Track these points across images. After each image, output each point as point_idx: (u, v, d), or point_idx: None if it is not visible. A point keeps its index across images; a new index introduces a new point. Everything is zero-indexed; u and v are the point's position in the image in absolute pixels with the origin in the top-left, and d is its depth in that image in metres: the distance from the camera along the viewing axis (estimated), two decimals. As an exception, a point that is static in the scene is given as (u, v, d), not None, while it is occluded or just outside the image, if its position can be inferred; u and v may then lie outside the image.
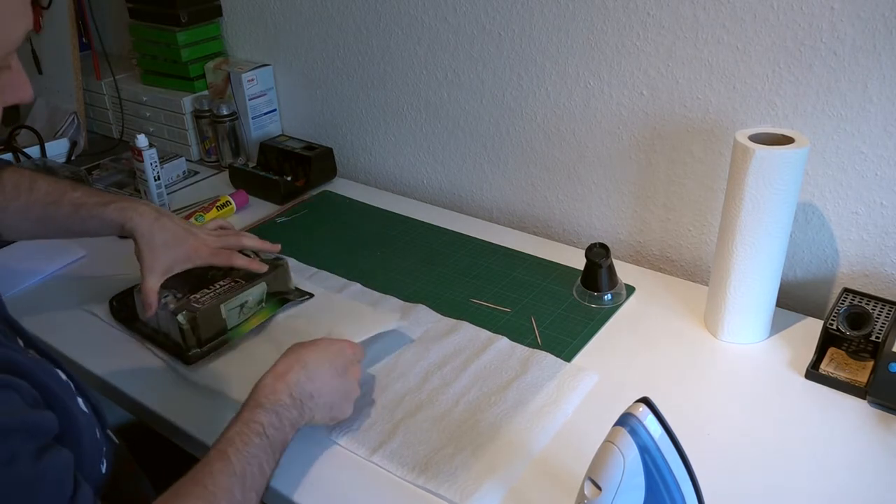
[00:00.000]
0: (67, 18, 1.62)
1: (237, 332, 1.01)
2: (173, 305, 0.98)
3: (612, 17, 1.09)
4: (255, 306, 1.03)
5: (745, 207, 0.90)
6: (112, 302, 1.09)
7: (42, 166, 1.44)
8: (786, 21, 0.95)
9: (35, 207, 0.97)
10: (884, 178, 0.96)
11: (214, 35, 1.62)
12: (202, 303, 0.98)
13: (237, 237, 1.06)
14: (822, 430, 0.84)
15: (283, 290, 1.08)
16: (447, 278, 1.16)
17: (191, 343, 0.97)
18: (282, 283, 1.08)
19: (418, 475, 0.79)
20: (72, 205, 0.97)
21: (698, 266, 1.18)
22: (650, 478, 0.63)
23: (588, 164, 1.22)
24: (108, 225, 0.97)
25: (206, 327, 0.97)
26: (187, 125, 1.61)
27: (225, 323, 1.00)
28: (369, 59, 1.41)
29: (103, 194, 1.00)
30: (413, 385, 0.92)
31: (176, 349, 0.98)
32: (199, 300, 0.98)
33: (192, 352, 0.97)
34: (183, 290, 1.01)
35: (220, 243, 1.02)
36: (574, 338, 1.01)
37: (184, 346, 0.97)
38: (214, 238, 1.03)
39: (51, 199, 0.98)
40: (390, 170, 1.51)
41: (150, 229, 0.96)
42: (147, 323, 1.02)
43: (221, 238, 1.04)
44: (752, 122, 1.03)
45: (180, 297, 1.00)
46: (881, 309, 0.94)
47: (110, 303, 1.09)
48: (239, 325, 1.02)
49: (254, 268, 1.03)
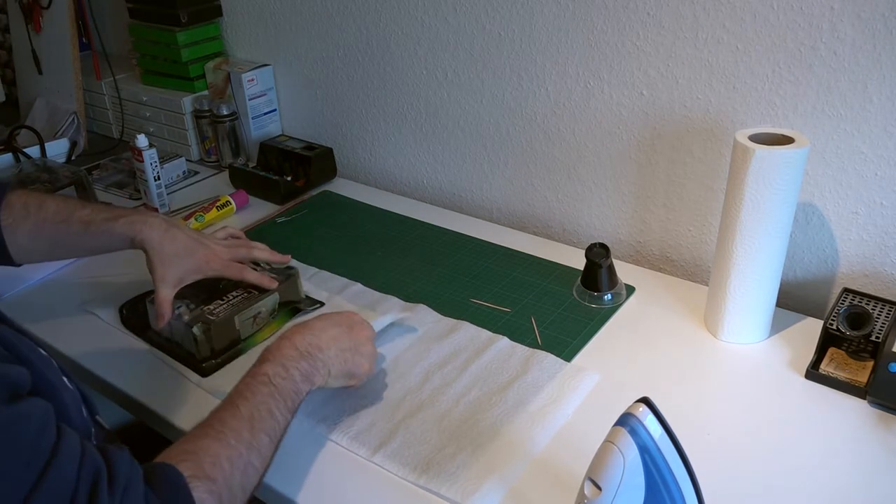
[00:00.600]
0: (67, 18, 1.62)
1: (250, 343, 1.01)
2: (188, 317, 0.98)
3: (612, 17, 1.09)
4: (267, 317, 1.04)
5: (745, 207, 0.90)
6: (122, 310, 1.08)
7: (42, 166, 1.44)
8: (786, 21, 0.95)
9: (46, 227, 0.96)
10: (884, 178, 0.96)
11: (214, 35, 1.62)
12: (216, 314, 0.98)
13: (248, 249, 1.06)
14: (822, 430, 0.84)
15: (295, 299, 1.08)
16: (447, 278, 1.16)
17: (204, 353, 0.97)
18: (293, 293, 1.08)
19: (419, 475, 0.79)
20: (81, 222, 0.96)
21: (698, 266, 1.18)
22: (650, 478, 0.63)
23: (588, 164, 1.22)
24: (118, 239, 0.97)
25: (219, 338, 0.98)
26: (187, 125, 1.61)
27: (238, 334, 1.00)
28: (369, 59, 1.41)
29: (112, 209, 0.99)
30: (413, 385, 0.92)
31: (189, 359, 0.98)
32: (213, 311, 0.98)
33: (206, 363, 0.97)
34: (196, 301, 1.01)
35: (231, 255, 1.02)
36: (574, 338, 1.01)
37: (198, 357, 0.97)
38: (226, 249, 1.02)
39: (60, 217, 0.97)
40: (390, 170, 1.51)
41: (160, 241, 0.96)
42: (159, 332, 1.02)
43: (232, 249, 1.03)
44: (752, 122, 1.03)
45: (194, 308, 0.99)
46: (881, 309, 0.94)
47: (120, 311, 1.08)
48: (252, 335, 1.02)
49: (264, 284, 1.03)
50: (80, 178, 1.38)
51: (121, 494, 0.58)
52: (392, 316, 1.01)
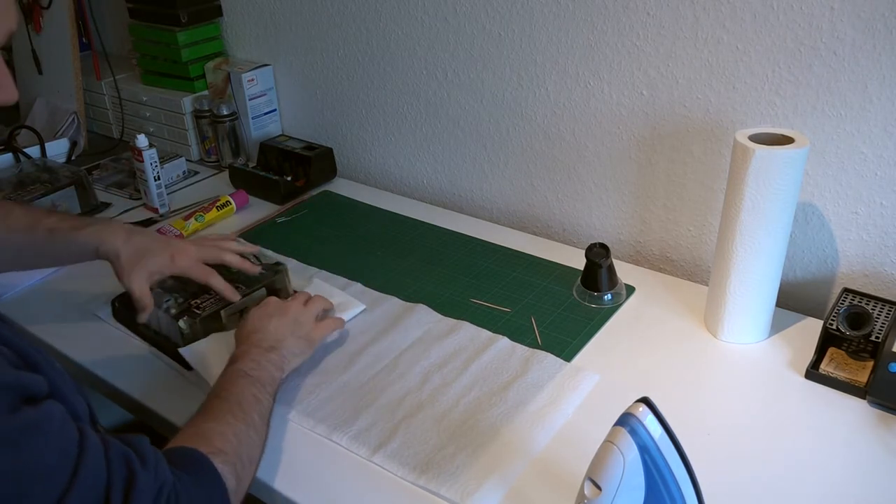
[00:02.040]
0: (67, 18, 1.62)
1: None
2: (175, 310, 0.98)
3: (612, 17, 1.09)
4: None
5: (745, 207, 0.90)
6: (114, 303, 1.09)
7: (42, 166, 1.44)
8: (786, 21, 0.95)
9: (14, 236, 0.95)
10: (884, 178, 0.96)
11: (214, 35, 1.62)
12: (203, 308, 0.98)
13: (219, 251, 1.02)
14: (822, 430, 0.84)
15: (283, 294, 1.08)
16: (447, 278, 1.16)
17: None
18: (281, 287, 1.08)
19: (419, 475, 0.79)
20: (47, 230, 0.95)
21: (698, 266, 1.18)
22: (650, 478, 0.63)
23: (588, 164, 1.22)
24: (82, 249, 0.95)
25: (206, 332, 0.98)
26: (187, 125, 1.61)
27: (225, 328, 1.00)
28: (369, 59, 1.41)
29: (78, 219, 0.98)
30: (413, 385, 0.92)
31: (177, 353, 0.98)
32: (199, 305, 0.99)
33: None
34: (184, 294, 1.01)
35: (200, 255, 1.00)
36: (574, 338, 1.01)
37: None
38: (196, 248, 1.00)
39: (26, 225, 0.95)
40: (390, 170, 1.51)
41: (123, 247, 0.94)
42: (148, 325, 1.02)
43: (203, 249, 1.01)
44: (752, 122, 1.03)
45: (181, 302, 1.00)
46: (881, 309, 0.94)
47: (112, 304, 1.08)
48: None
49: (227, 295, 0.99)
50: (80, 178, 1.38)
51: (153, 471, 0.61)
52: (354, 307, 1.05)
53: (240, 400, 0.78)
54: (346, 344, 1.01)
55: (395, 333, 1.02)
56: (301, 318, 0.94)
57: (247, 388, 0.80)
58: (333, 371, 0.96)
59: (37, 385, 0.59)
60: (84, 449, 0.57)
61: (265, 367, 0.85)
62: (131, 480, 0.59)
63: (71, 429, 0.58)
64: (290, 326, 0.92)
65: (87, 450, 0.58)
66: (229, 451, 0.71)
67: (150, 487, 0.60)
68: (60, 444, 0.56)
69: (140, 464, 0.61)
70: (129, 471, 0.60)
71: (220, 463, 0.69)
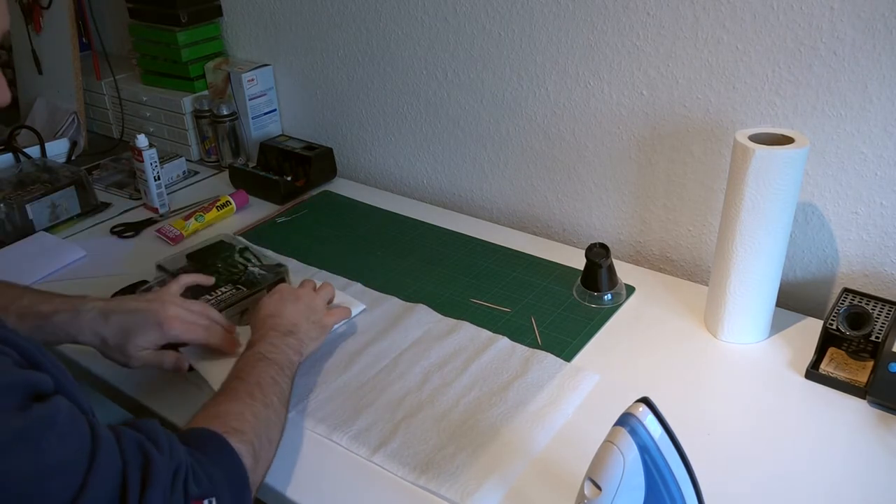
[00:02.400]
0: (67, 18, 1.62)
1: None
2: None
3: (612, 17, 1.09)
4: None
5: (745, 207, 0.90)
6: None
7: (42, 166, 1.44)
8: (786, 21, 0.95)
9: None
10: (884, 178, 0.96)
11: (214, 35, 1.62)
12: None
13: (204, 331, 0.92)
14: (822, 430, 0.84)
15: None
16: (447, 278, 1.16)
17: None
18: None
19: (419, 475, 0.79)
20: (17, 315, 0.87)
21: (698, 266, 1.18)
22: (650, 478, 0.63)
23: (588, 164, 1.22)
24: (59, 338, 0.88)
25: None
26: (187, 125, 1.61)
27: None
28: (369, 59, 1.41)
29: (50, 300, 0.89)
30: (413, 385, 0.92)
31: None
32: None
33: None
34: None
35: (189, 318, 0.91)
36: (574, 338, 1.01)
37: None
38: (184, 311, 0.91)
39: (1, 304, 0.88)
40: (390, 170, 1.51)
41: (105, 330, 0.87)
42: None
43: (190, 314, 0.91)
44: (752, 122, 1.03)
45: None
46: (881, 309, 0.94)
47: None
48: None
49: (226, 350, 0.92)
50: (80, 178, 1.38)
51: (168, 452, 0.61)
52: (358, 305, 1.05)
53: (259, 381, 0.79)
54: (346, 344, 1.01)
55: (395, 333, 1.02)
56: (313, 303, 0.95)
57: (265, 370, 0.81)
58: (333, 371, 0.96)
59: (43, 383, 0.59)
60: (97, 440, 0.58)
61: (284, 351, 0.85)
62: (147, 465, 0.59)
63: (82, 422, 0.58)
64: (304, 311, 0.93)
65: (99, 441, 0.58)
66: (247, 430, 0.72)
67: (167, 469, 0.60)
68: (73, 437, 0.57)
69: (154, 447, 0.61)
70: (144, 456, 0.60)
71: (236, 442, 0.69)
